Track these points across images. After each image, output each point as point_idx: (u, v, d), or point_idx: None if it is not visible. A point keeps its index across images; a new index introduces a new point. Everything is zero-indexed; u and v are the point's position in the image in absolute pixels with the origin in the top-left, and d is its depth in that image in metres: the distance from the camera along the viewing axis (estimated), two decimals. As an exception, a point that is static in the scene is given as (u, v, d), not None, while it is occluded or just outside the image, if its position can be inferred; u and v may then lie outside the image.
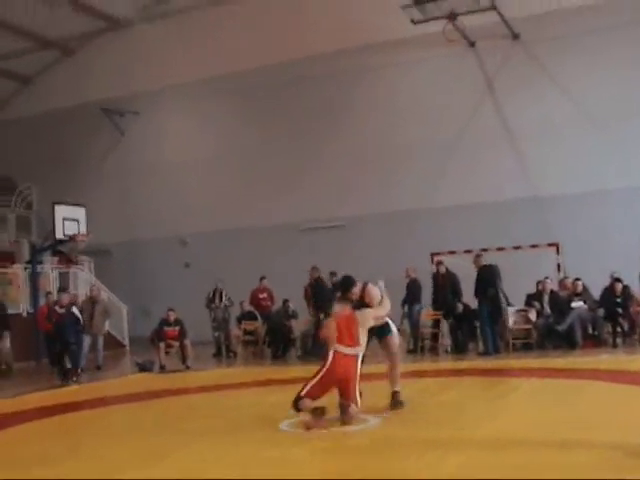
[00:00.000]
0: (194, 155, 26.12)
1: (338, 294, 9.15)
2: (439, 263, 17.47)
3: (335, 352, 8.33)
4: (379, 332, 9.10)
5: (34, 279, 19.59)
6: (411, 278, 17.46)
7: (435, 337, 16.92)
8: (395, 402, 9.02)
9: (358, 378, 8.34)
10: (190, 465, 6.93)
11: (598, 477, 5.54)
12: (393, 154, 23.26)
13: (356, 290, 8.87)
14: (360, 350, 8.46)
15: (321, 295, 17.03)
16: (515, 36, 22.02)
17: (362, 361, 8.47)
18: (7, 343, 17.51)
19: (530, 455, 6.45)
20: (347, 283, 8.96)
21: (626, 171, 20.32)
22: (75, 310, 16.16)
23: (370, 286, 9.01)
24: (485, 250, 17.47)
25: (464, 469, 6.12)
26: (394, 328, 9.31)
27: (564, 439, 6.95)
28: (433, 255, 19.88)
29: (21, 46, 26.51)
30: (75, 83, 27.55)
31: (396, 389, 9.12)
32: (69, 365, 15.42)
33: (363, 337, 8.51)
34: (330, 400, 8.31)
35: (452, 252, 19.61)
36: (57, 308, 16.77)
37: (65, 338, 15.34)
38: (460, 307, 16.29)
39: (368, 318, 8.65)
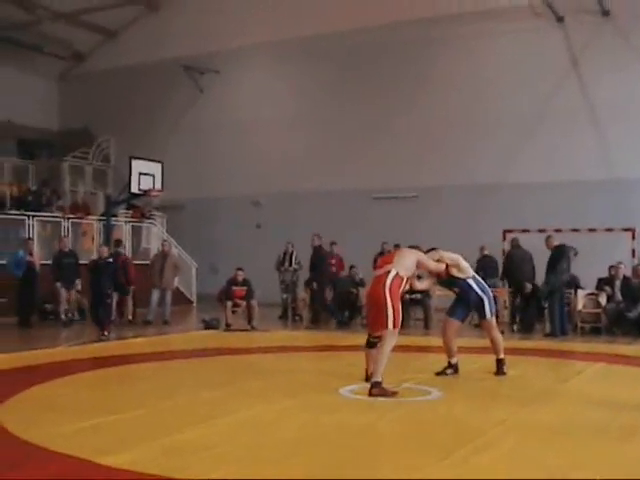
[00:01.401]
0: (271, 116, 26.12)
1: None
2: (514, 241, 17.25)
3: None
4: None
5: (107, 231, 19.90)
6: (483, 254, 17.40)
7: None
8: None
9: (394, 299, 8.37)
10: (247, 425, 6.96)
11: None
12: (471, 127, 22.96)
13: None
14: (395, 269, 8.53)
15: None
16: (605, 12, 21.43)
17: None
18: (78, 289, 17.84)
19: (585, 441, 6.36)
20: None
21: None
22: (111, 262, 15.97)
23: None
24: (559, 231, 17.17)
25: (519, 449, 6.07)
26: (487, 309, 9.58)
27: (622, 426, 6.88)
28: (506, 232, 19.62)
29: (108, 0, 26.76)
30: (158, 39, 27.73)
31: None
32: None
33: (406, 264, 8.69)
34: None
35: (525, 230, 19.29)
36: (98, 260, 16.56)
37: (100, 289, 15.13)
38: (529, 287, 16.06)
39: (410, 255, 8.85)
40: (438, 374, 9.51)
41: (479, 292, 9.52)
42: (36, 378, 9.52)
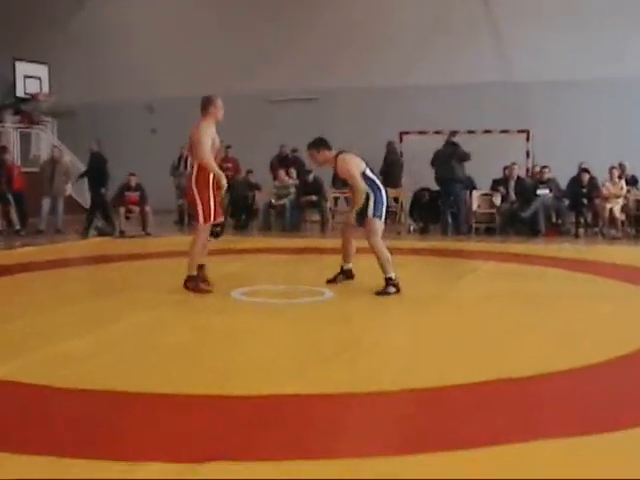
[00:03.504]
0: (163, 17, 25.20)
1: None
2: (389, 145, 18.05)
3: None
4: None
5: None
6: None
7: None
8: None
9: (202, 193, 8.33)
10: (138, 329, 6.85)
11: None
12: (372, 30, 22.59)
13: None
14: (195, 161, 8.50)
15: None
16: None
17: None
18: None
19: (476, 337, 6.46)
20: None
21: (603, 63, 19.90)
22: None
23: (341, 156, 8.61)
24: (455, 132, 17.20)
25: (406, 348, 6.13)
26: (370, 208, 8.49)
27: (514, 322, 7.02)
28: (402, 134, 19.63)
29: None
30: None
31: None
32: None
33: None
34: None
35: (422, 132, 19.34)
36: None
37: None
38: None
39: None
40: (329, 281, 8.85)
41: (367, 189, 8.48)
42: None
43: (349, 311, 7.64)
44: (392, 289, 8.27)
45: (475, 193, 16.49)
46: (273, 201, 17.33)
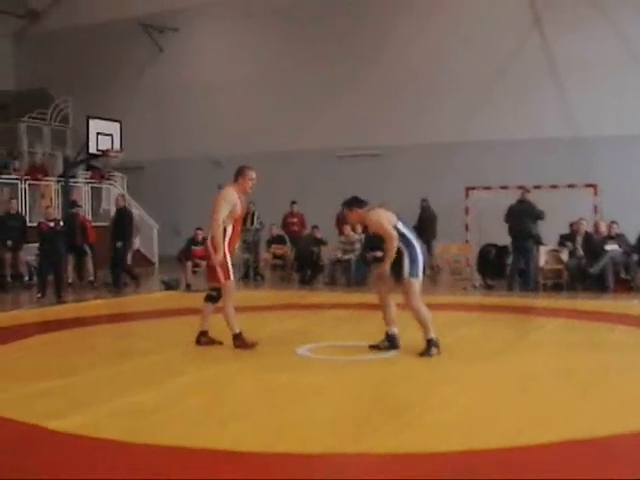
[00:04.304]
0: (232, 76, 25.74)
1: None
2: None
3: None
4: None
5: (66, 192, 19.56)
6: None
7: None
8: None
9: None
10: (203, 384, 6.91)
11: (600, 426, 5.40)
12: (433, 84, 22.80)
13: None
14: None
15: None
16: (569, -32, 21.32)
17: None
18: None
19: (543, 396, 6.35)
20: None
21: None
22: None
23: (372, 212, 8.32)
24: (521, 187, 17.11)
25: (473, 406, 6.06)
26: (406, 267, 8.05)
27: (578, 383, 6.89)
28: (468, 189, 19.58)
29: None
30: (115, -4, 27.22)
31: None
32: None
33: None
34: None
35: (488, 188, 19.27)
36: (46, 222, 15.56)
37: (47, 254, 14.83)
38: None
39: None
40: (371, 347, 8.37)
41: (400, 245, 8.06)
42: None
43: (414, 369, 7.56)
44: (434, 350, 7.97)
45: (542, 249, 16.28)
46: (339, 256, 17.34)
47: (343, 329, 10.51)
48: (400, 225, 8.14)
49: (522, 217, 15.68)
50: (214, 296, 8.84)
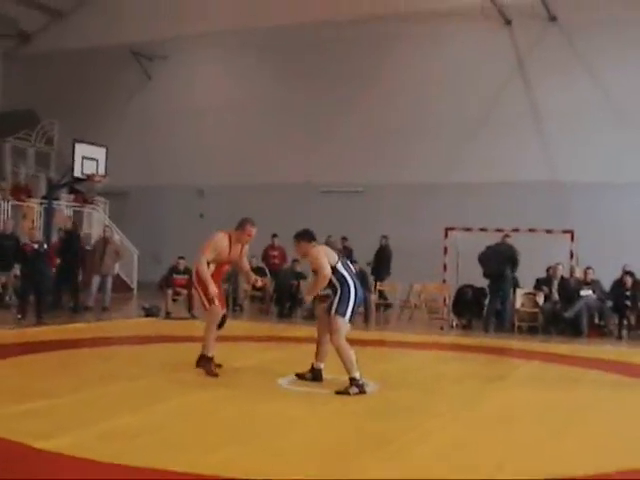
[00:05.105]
0: (218, 106, 26.01)
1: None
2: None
3: None
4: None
5: (48, 214, 19.62)
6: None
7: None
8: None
9: (201, 284, 8.91)
10: (188, 409, 7.02)
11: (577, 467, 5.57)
12: (417, 125, 23.15)
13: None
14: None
15: None
16: (552, 18, 21.80)
17: None
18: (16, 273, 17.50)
19: (523, 433, 6.51)
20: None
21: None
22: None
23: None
24: (500, 230, 17.38)
25: (454, 440, 6.20)
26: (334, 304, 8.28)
27: (555, 422, 7.05)
28: (447, 230, 19.80)
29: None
30: (106, 23, 27.37)
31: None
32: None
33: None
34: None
35: (468, 229, 19.50)
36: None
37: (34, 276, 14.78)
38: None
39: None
40: (297, 375, 8.66)
41: (334, 281, 8.31)
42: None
43: (393, 403, 7.70)
44: (355, 389, 7.92)
45: (519, 291, 16.55)
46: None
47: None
48: (339, 265, 8.38)
49: (498, 258, 15.95)
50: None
